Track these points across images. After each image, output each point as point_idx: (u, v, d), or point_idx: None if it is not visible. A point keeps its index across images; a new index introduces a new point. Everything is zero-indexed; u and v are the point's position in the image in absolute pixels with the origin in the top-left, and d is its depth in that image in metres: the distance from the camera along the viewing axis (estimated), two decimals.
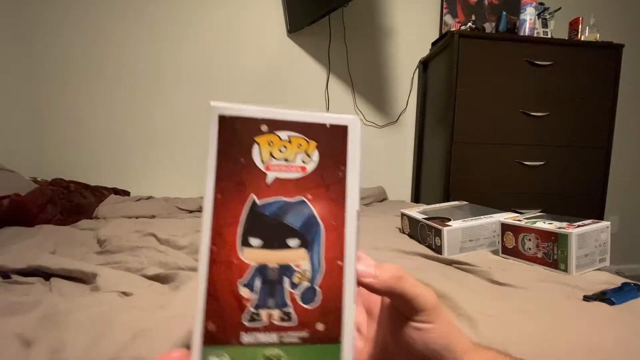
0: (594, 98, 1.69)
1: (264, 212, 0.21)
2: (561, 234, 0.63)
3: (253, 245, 0.21)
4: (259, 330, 0.20)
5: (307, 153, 0.22)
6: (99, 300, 0.49)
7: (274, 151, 0.21)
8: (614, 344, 0.40)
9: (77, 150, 1.81)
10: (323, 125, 0.22)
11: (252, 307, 0.20)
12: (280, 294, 0.21)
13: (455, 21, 2.00)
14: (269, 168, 0.21)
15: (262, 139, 0.21)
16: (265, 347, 0.20)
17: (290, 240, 0.21)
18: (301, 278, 0.21)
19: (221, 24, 1.87)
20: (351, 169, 0.22)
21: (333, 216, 0.22)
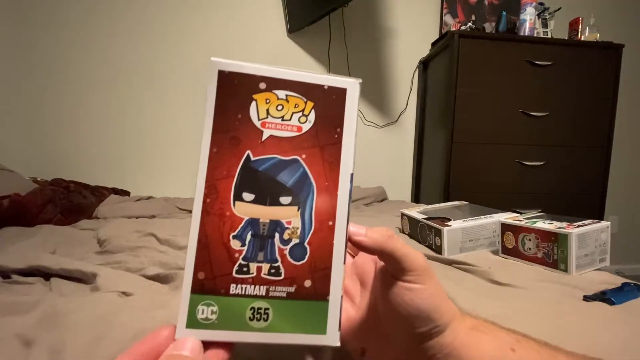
0: (594, 98, 1.69)
1: (257, 168, 0.21)
2: (561, 234, 0.63)
3: (246, 199, 0.21)
4: (248, 282, 0.21)
5: (304, 113, 0.22)
6: (99, 300, 0.49)
7: (270, 109, 0.22)
8: (614, 344, 0.40)
9: (77, 150, 1.81)
10: (321, 87, 0.22)
11: (242, 259, 0.21)
12: (270, 248, 0.21)
13: (455, 21, 2.00)
14: (265, 125, 0.21)
15: (260, 97, 0.21)
16: (253, 299, 0.20)
17: (283, 197, 0.21)
18: (291, 235, 0.21)
19: (221, 24, 1.87)
20: (347, 132, 0.23)
21: (326, 177, 0.22)
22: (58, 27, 1.74)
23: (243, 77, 0.21)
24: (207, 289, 0.20)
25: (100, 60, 1.80)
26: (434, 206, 1.03)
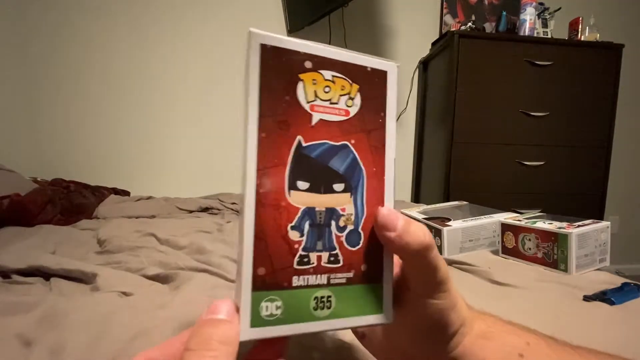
0: (594, 98, 1.69)
1: (310, 154, 0.20)
2: (561, 234, 0.63)
3: (300, 188, 0.20)
4: (309, 272, 0.20)
5: (350, 96, 0.21)
6: (99, 300, 0.49)
7: (318, 91, 0.20)
8: (614, 344, 0.40)
9: (77, 150, 1.81)
10: (364, 69, 0.22)
11: (302, 250, 0.20)
12: (328, 237, 0.21)
13: (455, 21, 2.00)
14: (314, 109, 0.20)
15: (307, 77, 0.20)
16: (316, 288, 0.20)
17: (336, 184, 0.21)
18: (346, 221, 0.21)
19: (221, 24, 1.87)
20: (390, 116, 0.23)
21: (374, 162, 0.22)
22: (58, 27, 1.74)
23: (287, 54, 0.20)
24: (269, 284, 0.19)
25: (101, 60, 1.79)
26: (434, 206, 1.03)
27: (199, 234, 0.90)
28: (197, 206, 1.44)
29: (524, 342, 0.24)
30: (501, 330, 0.25)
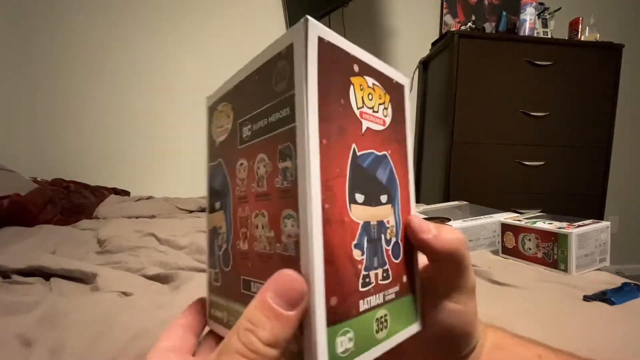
0: (594, 98, 1.69)
1: (362, 164, 0.19)
2: (561, 234, 0.63)
3: (358, 201, 0.18)
4: (371, 293, 0.18)
5: (385, 106, 0.21)
6: (99, 300, 0.49)
7: (365, 97, 0.19)
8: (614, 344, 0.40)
9: (77, 150, 1.81)
10: (391, 80, 0.22)
11: (364, 270, 0.18)
12: (381, 252, 0.19)
13: (455, 21, 2.00)
14: (362, 115, 0.19)
15: (356, 81, 0.19)
16: (376, 309, 0.19)
17: (382, 195, 0.20)
18: (391, 234, 0.20)
19: (221, 24, 1.87)
20: (409, 129, 0.23)
21: (402, 173, 0.22)
22: (59, 27, 1.74)
23: (340, 53, 0.18)
24: (341, 314, 0.16)
25: (101, 60, 1.79)
26: (434, 206, 1.03)
27: (199, 234, 0.90)
28: (197, 206, 1.44)
29: (535, 354, 0.24)
30: (511, 343, 0.25)
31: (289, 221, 0.17)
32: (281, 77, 0.17)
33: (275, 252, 0.18)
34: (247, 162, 0.20)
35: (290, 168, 0.17)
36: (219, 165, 0.22)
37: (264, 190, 0.18)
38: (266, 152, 0.18)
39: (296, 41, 0.16)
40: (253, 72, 0.20)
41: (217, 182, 0.22)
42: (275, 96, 0.18)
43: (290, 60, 0.17)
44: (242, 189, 0.20)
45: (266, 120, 0.18)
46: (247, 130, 0.20)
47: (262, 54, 0.19)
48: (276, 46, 0.18)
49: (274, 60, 0.18)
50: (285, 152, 0.17)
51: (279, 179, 0.17)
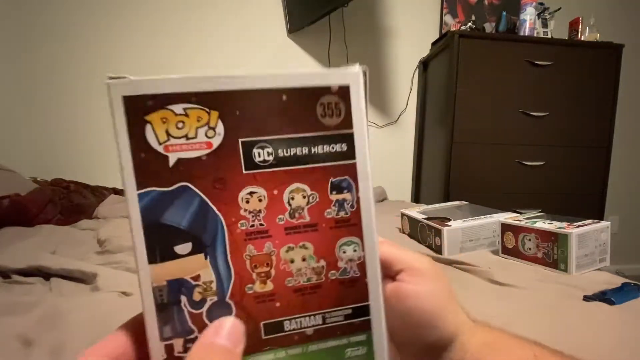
0: (594, 98, 1.69)
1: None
2: (561, 234, 0.63)
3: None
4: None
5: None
6: (99, 300, 0.49)
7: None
8: (614, 344, 0.40)
9: (77, 150, 1.81)
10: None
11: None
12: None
13: (455, 21, 2.00)
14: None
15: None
16: None
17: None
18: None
19: (221, 24, 1.87)
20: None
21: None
22: (58, 27, 1.74)
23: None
24: None
25: (101, 59, 1.79)
26: (434, 206, 1.03)
27: None
28: None
29: (532, 354, 0.23)
30: (507, 342, 0.24)
31: (349, 247, 0.19)
32: (332, 112, 0.18)
33: (328, 280, 0.19)
34: (265, 191, 0.18)
35: (350, 200, 0.19)
36: (184, 193, 0.17)
37: (306, 222, 0.18)
38: (307, 182, 0.18)
39: (353, 85, 0.18)
40: (275, 90, 0.18)
41: (180, 215, 0.17)
42: (322, 129, 0.18)
43: (345, 99, 0.18)
44: (254, 222, 0.18)
45: (306, 149, 0.18)
46: (264, 154, 0.18)
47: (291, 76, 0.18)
48: (317, 78, 0.18)
49: (319, 92, 0.18)
50: (342, 185, 0.18)
51: (333, 209, 0.19)
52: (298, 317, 0.19)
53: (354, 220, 0.19)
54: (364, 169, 0.19)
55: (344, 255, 0.19)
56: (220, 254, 0.18)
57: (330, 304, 0.19)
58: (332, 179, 0.18)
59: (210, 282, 0.17)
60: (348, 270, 0.19)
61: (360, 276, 0.19)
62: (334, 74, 0.18)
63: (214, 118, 0.17)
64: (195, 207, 0.17)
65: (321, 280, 0.19)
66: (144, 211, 0.17)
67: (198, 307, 0.17)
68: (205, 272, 0.17)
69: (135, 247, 0.17)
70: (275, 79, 0.18)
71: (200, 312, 0.17)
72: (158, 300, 0.17)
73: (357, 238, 0.19)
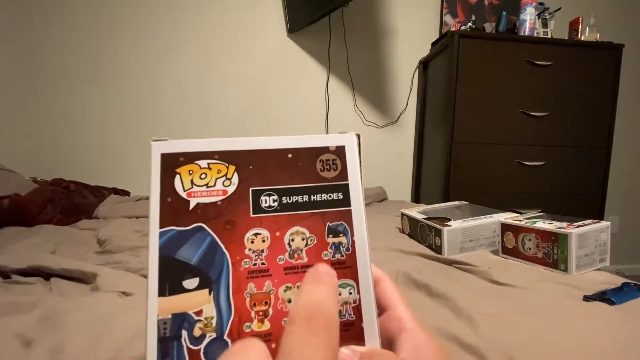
0: (594, 98, 1.69)
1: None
2: (561, 234, 0.63)
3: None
4: None
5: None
6: (99, 300, 0.49)
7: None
8: (614, 344, 0.40)
9: (77, 150, 1.81)
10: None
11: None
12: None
13: (455, 21, 2.00)
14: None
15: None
16: None
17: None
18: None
19: (221, 24, 1.87)
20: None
21: None
22: (58, 27, 1.74)
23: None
24: None
25: (101, 60, 1.79)
26: (434, 206, 1.03)
27: None
28: None
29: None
30: None
31: (344, 290, 0.19)
32: (330, 167, 0.21)
33: None
34: (268, 232, 0.20)
35: (345, 243, 0.20)
36: (198, 232, 0.19)
37: (304, 263, 0.20)
38: (306, 226, 0.20)
39: (348, 145, 0.21)
40: (282, 149, 0.21)
41: (192, 252, 0.19)
42: (321, 180, 0.21)
43: (341, 156, 0.21)
44: (256, 261, 0.19)
45: (307, 197, 0.21)
46: (270, 200, 0.20)
47: (296, 139, 0.21)
48: (318, 140, 0.22)
49: (319, 151, 0.21)
50: (338, 229, 0.20)
51: (329, 251, 0.20)
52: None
53: (349, 262, 0.20)
54: (358, 215, 0.20)
55: (340, 298, 0.19)
56: (223, 290, 0.19)
57: None
58: (329, 223, 0.20)
59: (211, 318, 0.18)
60: (343, 313, 0.19)
61: (356, 319, 0.19)
62: (332, 137, 0.22)
63: (231, 171, 0.21)
64: (206, 245, 0.19)
65: None
66: (162, 247, 0.19)
67: (197, 343, 0.18)
68: (207, 307, 0.18)
69: (149, 279, 0.18)
70: (283, 142, 0.21)
71: (199, 349, 0.18)
72: (161, 334, 0.18)
73: (352, 281, 0.20)
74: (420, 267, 0.67)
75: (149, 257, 0.18)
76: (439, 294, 0.53)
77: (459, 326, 0.44)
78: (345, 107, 2.00)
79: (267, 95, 1.93)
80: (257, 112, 1.93)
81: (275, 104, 1.94)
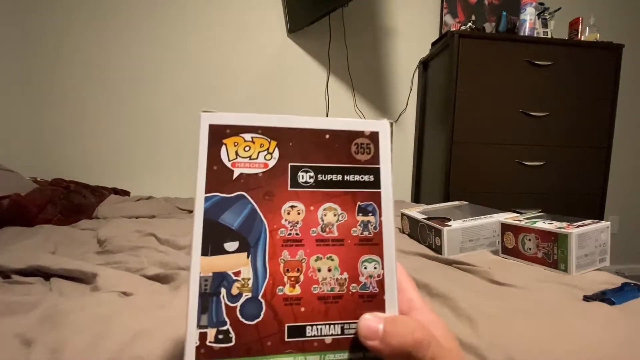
0: (594, 98, 1.69)
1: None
2: (561, 234, 0.63)
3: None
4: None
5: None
6: (99, 300, 0.49)
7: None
8: (614, 344, 0.40)
9: (77, 150, 1.81)
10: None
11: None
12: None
13: (455, 21, 2.00)
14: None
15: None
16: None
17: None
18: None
19: (221, 24, 1.87)
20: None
21: None
22: (58, 27, 1.74)
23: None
24: None
25: (101, 60, 1.79)
26: (434, 206, 1.03)
27: None
28: None
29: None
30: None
31: (370, 264, 0.21)
32: (364, 150, 0.23)
33: (349, 292, 0.21)
34: (304, 206, 0.21)
35: (374, 222, 0.22)
36: (240, 200, 0.21)
37: (334, 236, 0.21)
38: (338, 203, 0.22)
39: (382, 131, 0.23)
40: (321, 130, 0.23)
41: (233, 218, 0.20)
42: (354, 162, 0.22)
43: (375, 141, 0.23)
44: (291, 231, 0.21)
45: (340, 176, 0.22)
46: (306, 177, 0.22)
47: (335, 121, 0.23)
48: (355, 125, 0.23)
49: (355, 134, 0.23)
50: (367, 209, 0.22)
51: (358, 228, 0.22)
52: (319, 324, 0.20)
53: (376, 240, 0.21)
54: (387, 198, 0.22)
55: (365, 271, 0.21)
56: (260, 255, 0.20)
57: (349, 315, 0.20)
58: (359, 202, 0.22)
59: (247, 279, 0.20)
60: (368, 285, 0.21)
61: (379, 292, 0.21)
62: (368, 122, 0.23)
63: (272, 146, 0.22)
64: (247, 212, 0.21)
65: (343, 292, 0.21)
66: (207, 211, 0.20)
67: (234, 301, 0.19)
68: (245, 269, 0.20)
69: (193, 239, 0.20)
70: (322, 123, 0.23)
71: (235, 306, 0.19)
72: (202, 289, 0.19)
73: (378, 257, 0.21)
74: (420, 267, 0.67)
75: (194, 218, 0.20)
76: (439, 293, 0.53)
77: (459, 326, 0.44)
78: (345, 107, 2.00)
79: (267, 95, 1.93)
80: (257, 112, 1.92)
81: (276, 104, 1.94)
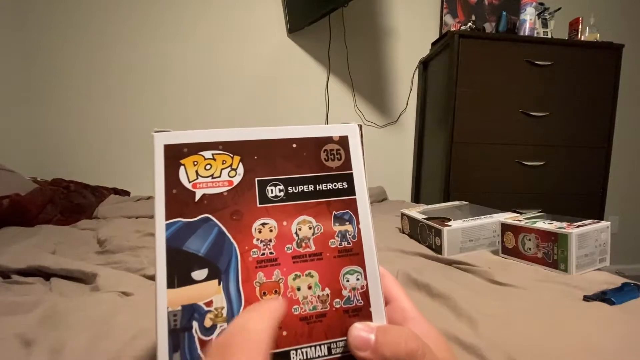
0: (594, 98, 1.69)
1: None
2: (561, 234, 0.63)
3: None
4: None
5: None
6: (99, 300, 0.49)
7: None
8: (614, 344, 0.40)
9: (77, 150, 1.81)
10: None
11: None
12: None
13: (455, 21, 2.00)
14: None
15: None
16: None
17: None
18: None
19: (221, 24, 1.87)
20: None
21: None
22: (58, 28, 1.74)
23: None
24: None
25: (101, 60, 1.79)
26: (434, 206, 1.03)
27: None
28: None
29: None
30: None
31: (352, 276, 0.20)
32: (334, 157, 0.21)
33: (332, 308, 0.19)
34: (276, 222, 0.20)
35: (352, 231, 0.20)
36: (205, 223, 0.19)
37: (311, 251, 0.20)
38: (313, 215, 0.20)
39: (351, 135, 0.22)
40: (287, 139, 0.21)
41: (199, 243, 0.19)
42: (326, 170, 0.21)
43: (344, 146, 0.22)
44: (265, 251, 0.20)
45: (312, 186, 0.21)
46: (276, 190, 0.21)
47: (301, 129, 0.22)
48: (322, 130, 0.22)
49: (323, 141, 0.22)
50: (344, 218, 0.21)
51: (336, 239, 0.20)
52: (304, 347, 0.19)
53: (356, 249, 0.20)
54: (363, 204, 0.21)
55: (348, 284, 0.20)
56: (232, 280, 0.19)
57: (335, 333, 0.19)
58: (335, 212, 0.21)
59: (221, 309, 0.18)
60: (352, 298, 0.20)
61: (364, 304, 0.20)
62: (335, 127, 0.22)
63: (236, 161, 0.20)
64: (214, 236, 0.19)
65: (326, 309, 0.19)
66: (169, 239, 0.19)
67: (208, 333, 0.18)
68: (217, 298, 0.18)
69: (157, 272, 0.18)
70: (287, 132, 0.21)
71: (210, 339, 0.18)
72: (171, 326, 0.17)
73: (360, 267, 0.20)
74: (420, 267, 0.67)
75: (156, 249, 0.18)
76: (439, 294, 0.53)
77: (459, 326, 0.44)
78: (345, 107, 2.00)
79: (267, 95, 1.93)
80: (257, 112, 1.93)
81: (276, 104, 1.94)
